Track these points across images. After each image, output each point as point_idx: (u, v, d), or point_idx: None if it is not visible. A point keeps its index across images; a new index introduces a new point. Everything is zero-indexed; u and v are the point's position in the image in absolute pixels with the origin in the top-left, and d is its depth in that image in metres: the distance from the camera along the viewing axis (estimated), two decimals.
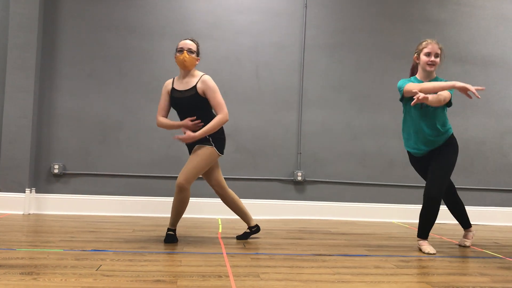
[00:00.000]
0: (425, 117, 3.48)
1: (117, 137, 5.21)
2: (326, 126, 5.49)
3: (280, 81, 5.45)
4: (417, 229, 3.64)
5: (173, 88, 3.60)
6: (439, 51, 3.50)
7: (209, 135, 3.51)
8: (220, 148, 3.55)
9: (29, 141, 4.96)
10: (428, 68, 3.48)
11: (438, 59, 3.49)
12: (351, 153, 5.49)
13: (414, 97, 3.23)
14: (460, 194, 5.60)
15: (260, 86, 5.41)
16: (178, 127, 3.58)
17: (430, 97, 3.23)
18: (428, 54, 3.48)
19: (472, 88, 3.18)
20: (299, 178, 5.35)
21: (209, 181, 3.70)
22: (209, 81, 3.52)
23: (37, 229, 4.00)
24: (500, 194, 5.66)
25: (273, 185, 5.38)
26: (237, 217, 5.22)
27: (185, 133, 3.48)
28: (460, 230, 4.94)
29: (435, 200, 3.45)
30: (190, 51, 3.52)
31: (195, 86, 3.52)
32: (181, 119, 3.60)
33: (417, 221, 5.45)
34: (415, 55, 3.58)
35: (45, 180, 5.11)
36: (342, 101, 5.51)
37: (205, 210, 5.23)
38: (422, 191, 5.50)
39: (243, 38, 5.41)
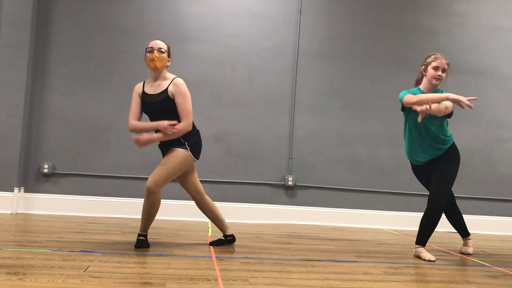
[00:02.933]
0: (428, 127, 3.53)
1: (108, 138, 5.18)
2: (317, 132, 5.51)
3: (272, 86, 5.46)
4: (413, 236, 3.65)
5: (144, 92, 3.43)
6: (446, 67, 3.55)
7: (184, 139, 3.37)
8: (196, 153, 3.40)
9: (19, 140, 4.92)
10: (434, 82, 3.53)
11: (444, 74, 3.55)
12: (342, 159, 5.51)
13: (417, 110, 3.27)
14: None
15: (252, 91, 5.42)
16: (152, 128, 3.34)
17: (433, 106, 3.29)
18: (436, 68, 3.53)
19: (464, 99, 3.22)
20: (290, 183, 5.36)
21: (186, 187, 3.52)
22: (181, 86, 3.35)
23: (25, 228, 3.96)
24: (489, 203, 5.71)
25: (263, 190, 5.38)
26: (227, 220, 5.21)
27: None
28: (448, 237, 4.98)
29: (439, 207, 3.48)
30: (160, 50, 3.34)
31: (166, 90, 3.35)
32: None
33: (407, 228, 5.51)
34: (423, 67, 3.62)
35: (34, 179, 5.06)
36: (334, 108, 5.53)
37: (195, 213, 5.20)
38: (412, 198, 5.57)
39: (236, 42, 5.41)
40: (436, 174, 3.55)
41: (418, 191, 5.57)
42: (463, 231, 3.92)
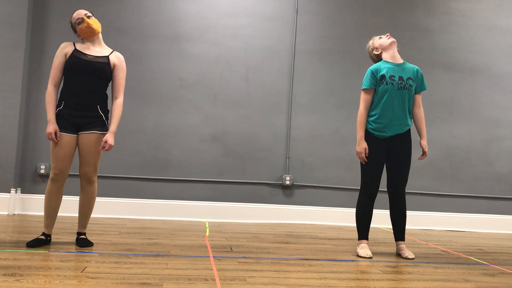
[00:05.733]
0: (400, 100, 3.49)
1: None
2: (314, 131, 5.52)
3: (269, 85, 5.46)
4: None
5: (78, 51, 3.21)
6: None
7: (106, 117, 3.29)
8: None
9: (15, 140, 4.91)
10: (390, 42, 3.62)
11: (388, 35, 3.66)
12: (339, 158, 5.51)
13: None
14: (446, 201, 5.68)
15: (249, 90, 5.42)
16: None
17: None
18: (380, 38, 3.69)
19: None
20: (287, 182, 5.36)
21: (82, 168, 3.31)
22: (124, 61, 3.33)
23: (22, 229, 3.95)
24: (486, 201, 5.73)
25: (261, 189, 5.38)
26: (225, 220, 5.22)
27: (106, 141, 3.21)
28: (445, 235, 4.99)
29: (405, 200, 3.59)
30: (88, 16, 3.18)
31: (108, 56, 3.27)
32: (75, 85, 3.17)
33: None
34: (373, 52, 3.71)
35: (31, 180, 5.05)
36: (331, 107, 5.53)
37: (192, 213, 5.21)
38: (409, 197, 5.57)
39: (233, 42, 5.41)
40: (402, 162, 3.52)
41: (416, 190, 5.58)
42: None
